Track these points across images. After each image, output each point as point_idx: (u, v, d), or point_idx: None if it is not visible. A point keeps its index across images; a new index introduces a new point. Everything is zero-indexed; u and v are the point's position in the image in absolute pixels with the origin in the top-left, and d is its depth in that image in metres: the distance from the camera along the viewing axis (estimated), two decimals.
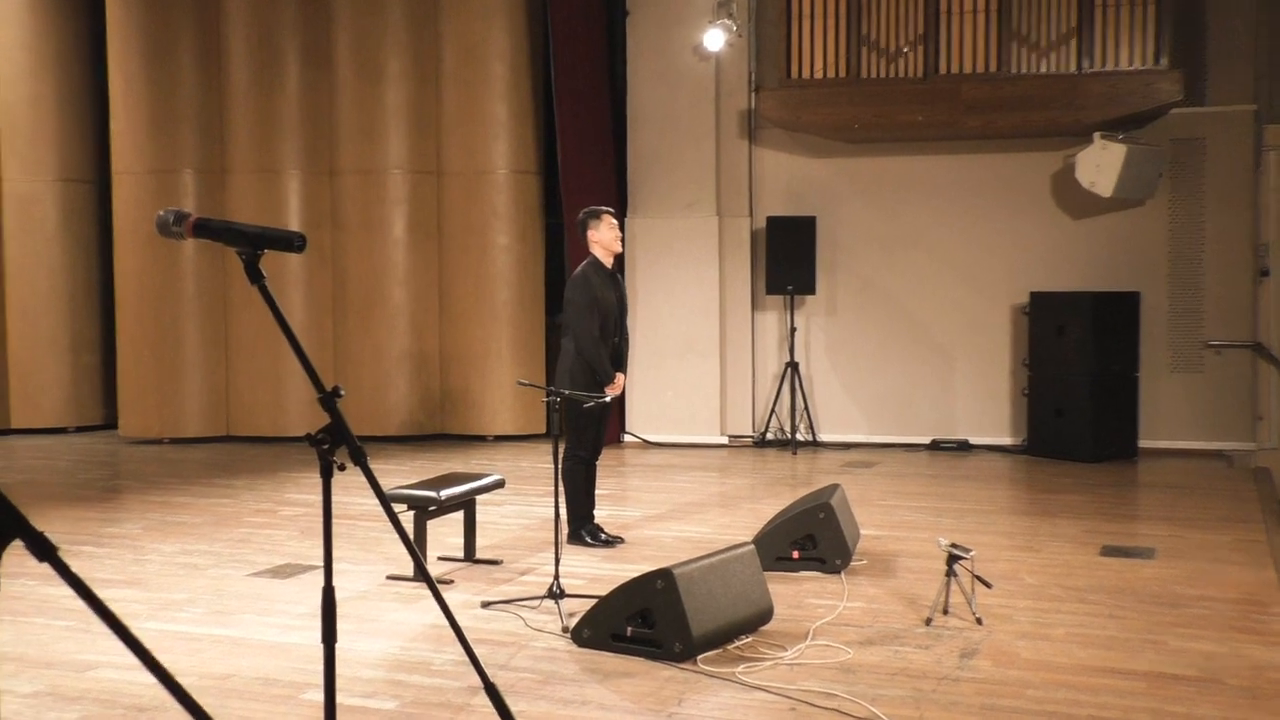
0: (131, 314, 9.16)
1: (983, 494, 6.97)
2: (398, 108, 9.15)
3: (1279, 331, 8.22)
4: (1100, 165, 7.84)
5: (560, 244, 9.29)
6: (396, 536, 2.04)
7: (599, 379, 5.04)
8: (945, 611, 4.18)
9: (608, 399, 5.10)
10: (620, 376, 5.14)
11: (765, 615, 4.01)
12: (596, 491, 5.61)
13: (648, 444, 9.20)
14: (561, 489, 4.59)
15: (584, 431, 5.20)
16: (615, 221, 5.16)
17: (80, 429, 9.70)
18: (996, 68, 8.02)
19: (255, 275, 1.92)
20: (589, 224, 5.12)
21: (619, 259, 5.22)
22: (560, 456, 4.48)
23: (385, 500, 2.03)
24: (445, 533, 5.60)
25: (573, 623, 3.90)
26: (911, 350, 9.14)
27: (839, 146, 9.08)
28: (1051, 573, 4.91)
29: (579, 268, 5.21)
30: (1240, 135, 8.27)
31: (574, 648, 3.80)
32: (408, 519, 4.69)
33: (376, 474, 2.02)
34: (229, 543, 5.62)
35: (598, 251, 5.20)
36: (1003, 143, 8.78)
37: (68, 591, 1.63)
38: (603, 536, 5.41)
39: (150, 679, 1.49)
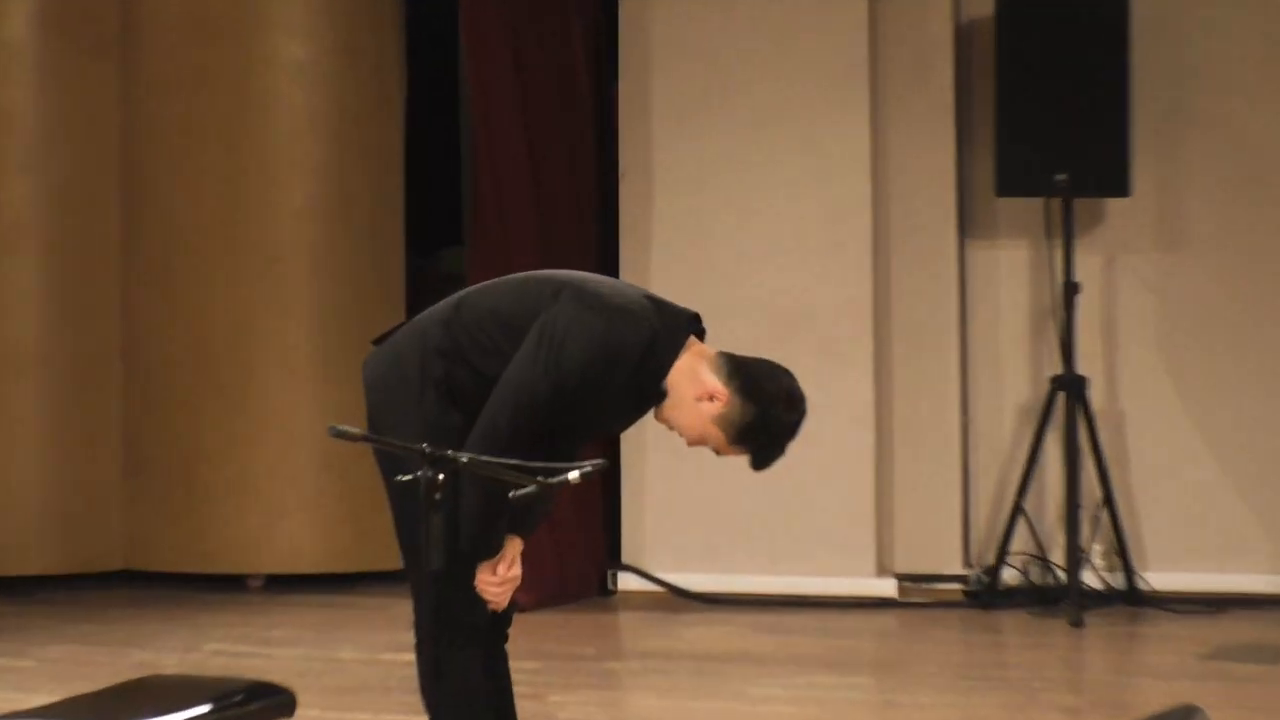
0: None
1: None
2: None
3: None
4: None
5: (449, 64, 9.90)
6: None
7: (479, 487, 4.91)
8: None
9: (575, 475, 4.53)
10: (517, 546, 5.07)
11: None
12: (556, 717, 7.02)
13: (679, 596, 9.31)
14: None
15: (469, 568, 5.10)
16: (759, 450, 5.07)
17: None
18: None
19: None
20: (743, 385, 5.11)
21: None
22: (435, 642, 4.70)
23: None
24: None
25: None
26: None
27: None
28: None
29: (635, 323, 5.15)
30: None
31: None
32: None
33: None
34: None
35: (676, 390, 5.16)
36: None
37: None
38: None
39: None
